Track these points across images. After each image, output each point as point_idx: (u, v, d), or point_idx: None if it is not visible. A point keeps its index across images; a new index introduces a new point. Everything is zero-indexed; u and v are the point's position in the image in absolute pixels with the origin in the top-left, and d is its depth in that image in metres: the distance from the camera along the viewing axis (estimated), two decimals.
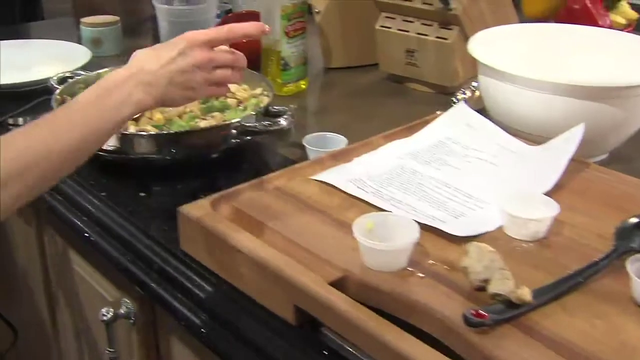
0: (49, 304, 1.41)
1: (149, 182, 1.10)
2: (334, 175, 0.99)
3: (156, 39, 1.64)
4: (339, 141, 1.17)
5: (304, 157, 1.17)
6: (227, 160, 1.15)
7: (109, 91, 0.82)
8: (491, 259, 0.78)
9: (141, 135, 1.07)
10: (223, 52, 0.90)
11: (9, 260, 1.52)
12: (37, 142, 0.77)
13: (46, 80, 1.34)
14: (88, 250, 1.10)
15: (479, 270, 0.77)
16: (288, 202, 0.94)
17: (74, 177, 1.13)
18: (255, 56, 1.47)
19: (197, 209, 0.91)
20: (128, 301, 1.07)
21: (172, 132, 1.10)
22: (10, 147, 0.75)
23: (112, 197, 1.07)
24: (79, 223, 1.08)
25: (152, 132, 1.08)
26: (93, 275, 1.16)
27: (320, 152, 1.13)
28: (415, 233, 0.81)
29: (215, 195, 0.94)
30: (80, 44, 1.66)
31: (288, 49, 1.43)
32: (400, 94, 1.49)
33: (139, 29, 1.86)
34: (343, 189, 0.96)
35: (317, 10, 1.55)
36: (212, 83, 0.89)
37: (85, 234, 1.05)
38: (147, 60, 0.85)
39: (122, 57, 1.69)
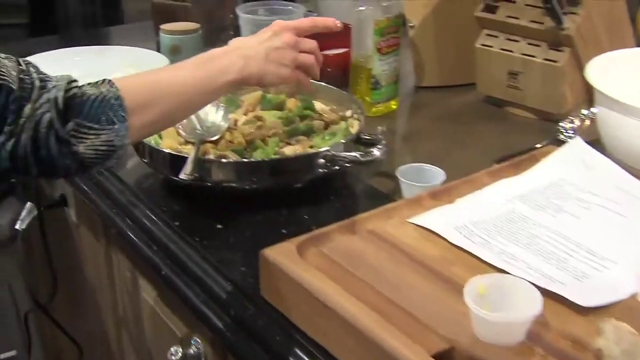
0: (116, 323, 1.34)
1: (226, 212, 1.01)
2: (435, 219, 0.87)
3: None
4: (436, 174, 1.05)
5: (396, 189, 1.06)
6: (312, 189, 1.05)
7: (212, 59, 0.92)
8: (632, 342, 0.65)
9: (220, 161, 0.98)
10: (306, 39, 1.01)
11: (78, 272, 1.46)
12: (163, 80, 0.87)
13: None
14: (157, 281, 1.01)
15: (617, 354, 0.65)
16: (383, 250, 0.83)
17: (145, 201, 1.04)
18: (344, 72, 1.37)
19: (281, 254, 0.81)
20: (199, 340, 0.97)
21: (253, 160, 1.00)
22: (137, 81, 0.85)
23: (186, 227, 0.98)
24: (148, 252, 0.99)
25: (233, 160, 0.99)
26: (162, 307, 1.07)
27: (416, 186, 1.02)
28: (537, 304, 0.69)
29: (302, 238, 0.83)
30: (159, 51, 1.59)
31: (379, 67, 1.32)
32: (500, 119, 1.36)
33: (220, 38, 1.77)
34: (446, 237, 0.84)
35: (411, 24, 1.44)
36: (299, 65, 0.99)
37: (155, 266, 0.97)
38: (245, 40, 0.98)
39: None
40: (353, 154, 1.01)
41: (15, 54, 0.81)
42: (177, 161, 0.98)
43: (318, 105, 1.22)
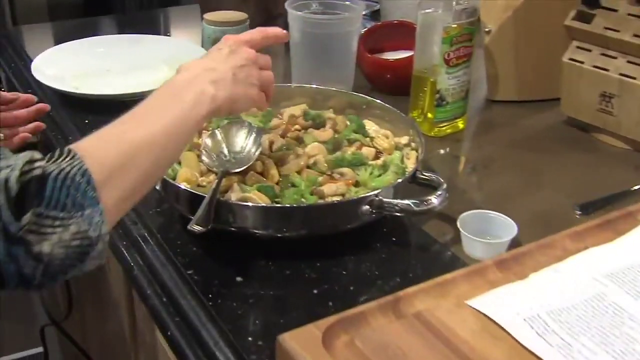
0: (135, 348, 1.20)
1: (249, 261, 0.85)
2: (501, 305, 0.69)
3: (287, 44, 1.38)
4: (506, 227, 0.87)
5: (455, 239, 0.88)
6: (354, 233, 0.88)
7: (178, 93, 0.76)
8: None
9: (245, 206, 0.81)
10: (261, 54, 0.87)
11: (96, 290, 1.33)
12: (129, 133, 0.71)
13: (143, 94, 1.13)
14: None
15: None
16: (432, 346, 0.65)
17: (158, 237, 0.89)
18: (404, 80, 1.18)
19: (303, 343, 0.64)
20: None
21: (284, 206, 0.83)
22: (101, 143, 0.69)
23: (200, 278, 0.82)
24: (156, 301, 0.84)
25: (259, 205, 0.82)
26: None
27: (481, 243, 0.84)
28: None
29: (331, 320, 0.67)
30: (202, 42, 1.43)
31: (446, 81, 1.12)
32: (586, 148, 1.16)
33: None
34: (515, 335, 0.66)
35: (487, 29, 1.23)
36: (261, 83, 0.85)
37: (163, 321, 0.82)
38: (204, 63, 0.81)
39: None
40: (405, 202, 0.83)
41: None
42: (194, 200, 0.82)
43: (369, 125, 1.04)
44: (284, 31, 0.92)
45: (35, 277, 0.60)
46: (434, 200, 0.83)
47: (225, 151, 0.92)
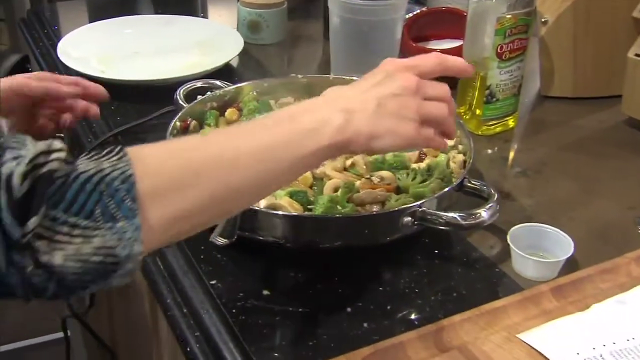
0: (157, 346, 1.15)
1: (278, 273, 0.78)
2: (556, 340, 0.61)
3: (327, 30, 1.30)
4: (561, 243, 0.79)
5: (504, 255, 0.80)
6: (392, 245, 0.80)
7: (295, 115, 0.63)
8: None
9: (274, 214, 0.74)
10: (433, 82, 0.69)
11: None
12: (208, 148, 0.58)
13: (172, 80, 1.08)
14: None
15: None
16: None
17: (182, 244, 0.83)
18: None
19: None
20: None
21: (316, 216, 0.76)
22: (166, 149, 0.58)
23: (224, 290, 0.76)
24: (177, 313, 0.77)
25: (290, 214, 0.75)
26: None
27: (533, 261, 0.76)
28: None
29: (366, 352, 0.60)
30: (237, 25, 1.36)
31: (498, 75, 1.03)
32: None
33: (308, 13, 1.53)
34: None
35: (544, 20, 1.13)
36: (426, 118, 0.67)
37: (183, 337, 0.75)
38: (347, 88, 0.67)
39: (282, 46, 1.38)
40: (452, 214, 0.75)
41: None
42: None
43: None
44: (469, 65, 0.74)
45: (47, 288, 0.51)
46: (484, 214, 0.75)
47: None
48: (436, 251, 0.82)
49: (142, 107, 1.11)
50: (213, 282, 0.77)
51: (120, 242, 0.51)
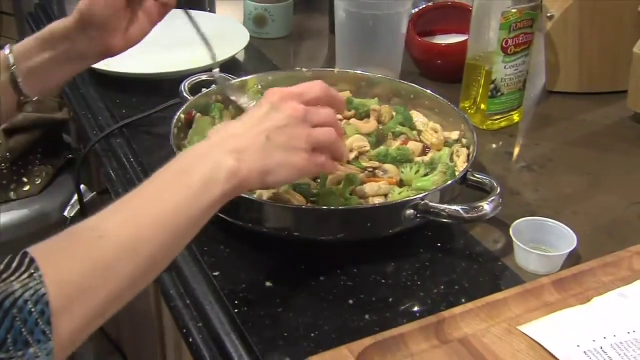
0: (161, 348, 1.16)
1: (281, 265, 0.78)
2: (557, 332, 0.61)
3: (332, 24, 1.30)
4: (564, 237, 0.79)
5: (507, 249, 0.81)
6: (395, 236, 0.80)
7: (186, 169, 0.62)
8: None
9: (276, 206, 0.74)
10: (318, 107, 0.69)
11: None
12: (110, 236, 0.55)
13: (178, 73, 1.08)
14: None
15: None
16: None
17: None
18: (457, 67, 1.09)
19: None
20: None
21: (319, 208, 0.76)
22: (75, 250, 0.54)
23: (226, 281, 0.76)
24: (180, 305, 0.78)
25: (293, 205, 0.75)
26: None
27: (535, 255, 0.76)
28: None
29: (366, 342, 0.60)
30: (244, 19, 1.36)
31: (502, 70, 1.03)
32: None
33: (314, 7, 1.53)
34: None
35: (549, 14, 1.13)
36: (316, 145, 0.68)
37: (186, 328, 0.75)
38: (233, 126, 0.67)
39: (288, 40, 1.38)
40: (454, 207, 0.75)
41: None
42: None
43: (417, 117, 0.96)
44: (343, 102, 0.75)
45: None
46: (486, 206, 0.75)
47: None
48: (439, 244, 0.82)
49: (148, 100, 1.11)
50: (216, 273, 0.77)
51: None
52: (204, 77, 1.01)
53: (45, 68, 0.80)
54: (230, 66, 1.19)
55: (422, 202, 0.75)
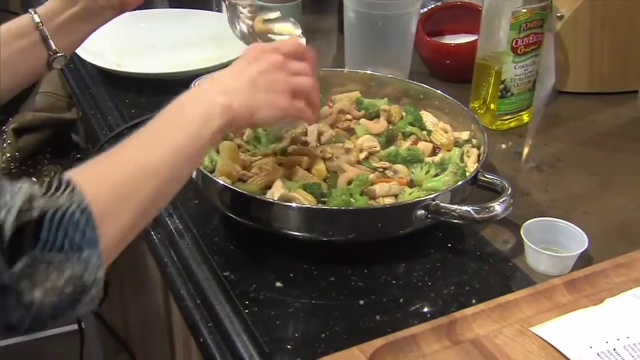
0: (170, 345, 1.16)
1: (291, 266, 0.78)
2: (569, 334, 0.61)
3: (341, 24, 1.30)
4: (575, 238, 0.78)
5: (518, 249, 0.80)
6: (405, 238, 0.80)
7: (184, 108, 0.69)
8: None
9: (288, 206, 0.74)
10: (295, 61, 0.77)
11: (137, 271, 1.29)
12: (131, 159, 0.64)
13: (187, 73, 1.09)
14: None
15: None
16: None
17: (195, 233, 0.83)
18: (467, 67, 1.09)
19: None
20: None
21: (330, 208, 0.76)
22: (98, 172, 0.62)
23: (237, 281, 0.76)
24: (191, 305, 0.78)
25: (304, 206, 0.75)
26: None
27: (546, 255, 0.76)
28: None
29: (378, 343, 0.60)
30: None
31: (512, 70, 1.03)
32: None
33: (323, 7, 1.52)
34: None
35: (560, 14, 1.13)
36: (295, 90, 0.75)
37: (196, 328, 0.75)
38: (220, 75, 0.75)
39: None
40: (465, 208, 0.75)
41: None
42: (235, 198, 0.76)
43: (427, 117, 0.96)
44: (313, 56, 0.81)
45: (22, 324, 0.53)
46: (498, 207, 0.75)
47: None
48: (449, 245, 0.82)
49: (157, 100, 1.10)
50: (226, 273, 0.77)
51: (85, 269, 0.54)
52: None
53: (70, 24, 0.88)
54: None
55: (433, 202, 0.75)
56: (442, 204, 0.75)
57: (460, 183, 0.78)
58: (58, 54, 0.87)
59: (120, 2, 0.91)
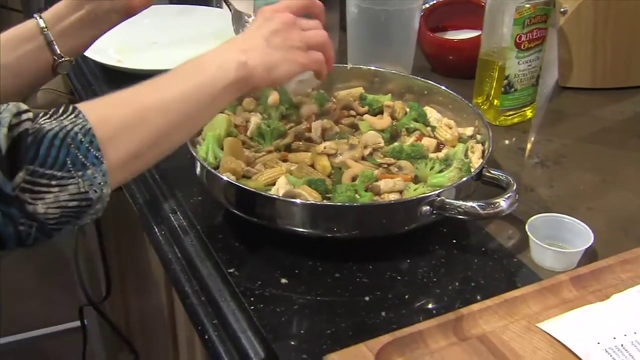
0: (173, 341, 1.16)
1: (296, 262, 0.78)
2: (577, 330, 0.61)
3: (343, 20, 1.30)
4: (580, 234, 0.78)
5: (522, 245, 0.80)
6: (410, 234, 0.80)
7: (202, 62, 0.72)
8: None
9: (292, 202, 0.74)
10: (305, 18, 0.81)
11: (138, 269, 1.29)
12: (142, 95, 0.67)
13: None
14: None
15: None
16: None
17: (199, 230, 0.83)
18: (470, 63, 1.09)
19: None
20: None
21: (334, 204, 0.75)
22: (110, 101, 0.67)
23: (242, 278, 0.76)
24: (194, 301, 0.78)
25: (308, 202, 0.75)
26: None
27: (551, 251, 0.75)
28: None
29: (385, 340, 0.60)
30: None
31: (516, 66, 1.03)
32: None
33: (325, 2, 1.51)
34: None
35: (563, 10, 1.13)
36: (310, 45, 0.78)
37: (201, 325, 0.75)
38: (236, 37, 0.79)
39: None
40: (470, 204, 0.75)
41: None
42: (239, 194, 0.75)
43: (431, 113, 0.96)
44: (322, 8, 0.86)
45: (30, 235, 0.58)
46: (503, 203, 0.74)
47: None
48: (454, 241, 0.82)
49: None
50: (231, 270, 0.77)
51: (91, 186, 0.59)
52: None
53: (75, 28, 0.88)
54: None
55: (438, 198, 0.75)
56: (447, 200, 0.75)
57: (465, 179, 0.78)
58: (63, 59, 0.87)
59: (125, 6, 0.91)
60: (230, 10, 1.04)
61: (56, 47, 0.86)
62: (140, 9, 0.92)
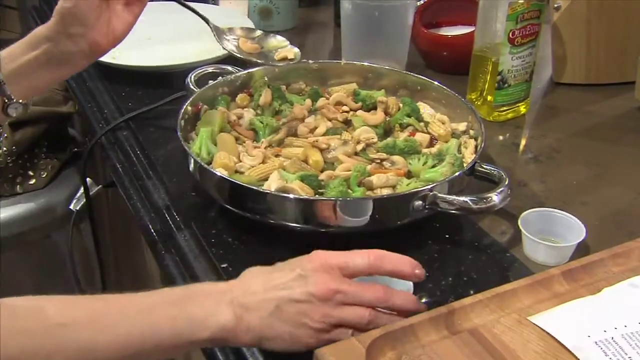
0: None
1: (289, 256, 0.77)
2: (567, 323, 0.61)
3: (337, 16, 1.30)
4: (573, 228, 0.79)
5: (515, 240, 0.80)
6: (403, 229, 0.80)
7: (190, 299, 0.62)
8: None
9: (285, 197, 0.74)
10: (360, 285, 0.63)
11: (133, 266, 1.29)
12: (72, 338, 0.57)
13: (184, 66, 1.08)
14: None
15: None
16: None
17: (192, 226, 0.83)
18: (464, 59, 1.09)
19: (343, 357, 0.58)
20: None
21: (327, 199, 0.76)
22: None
23: (236, 273, 0.74)
24: None
25: (301, 197, 0.75)
26: None
27: (544, 246, 0.76)
28: None
29: (376, 334, 0.60)
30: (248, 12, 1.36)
31: (509, 61, 1.03)
32: None
33: (321, 1, 1.52)
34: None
35: (556, 5, 1.13)
36: (338, 324, 0.61)
37: None
38: (254, 279, 0.64)
39: (293, 33, 1.38)
40: (462, 198, 0.75)
41: None
42: (232, 189, 0.75)
43: (424, 108, 0.96)
44: (417, 266, 0.65)
45: None
46: (495, 197, 0.75)
47: None
48: (447, 236, 0.82)
49: (154, 93, 1.11)
50: (224, 265, 0.77)
51: None
52: (210, 69, 1.01)
53: (29, 70, 0.80)
54: (236, 59, 1.19)
55: (431, 193, 0.75)
56: (439, 195, 0.75)
57: (457, 174, 0.78)
58: (13, 101, 0.80)
59: (89, 47, 0.80)
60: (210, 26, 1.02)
61: (5, 88, 0.79)
62: (108, 48, 0.83)
